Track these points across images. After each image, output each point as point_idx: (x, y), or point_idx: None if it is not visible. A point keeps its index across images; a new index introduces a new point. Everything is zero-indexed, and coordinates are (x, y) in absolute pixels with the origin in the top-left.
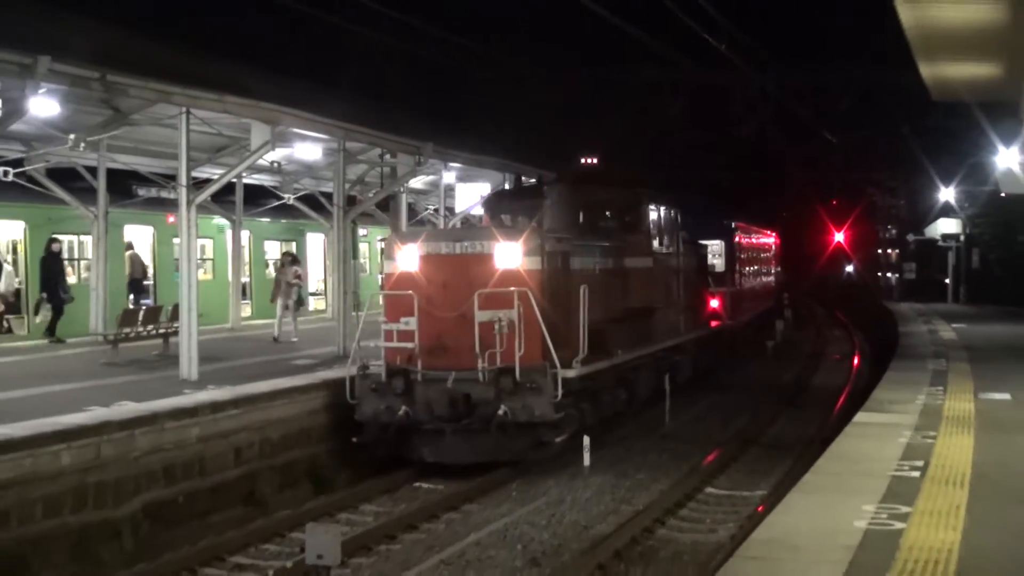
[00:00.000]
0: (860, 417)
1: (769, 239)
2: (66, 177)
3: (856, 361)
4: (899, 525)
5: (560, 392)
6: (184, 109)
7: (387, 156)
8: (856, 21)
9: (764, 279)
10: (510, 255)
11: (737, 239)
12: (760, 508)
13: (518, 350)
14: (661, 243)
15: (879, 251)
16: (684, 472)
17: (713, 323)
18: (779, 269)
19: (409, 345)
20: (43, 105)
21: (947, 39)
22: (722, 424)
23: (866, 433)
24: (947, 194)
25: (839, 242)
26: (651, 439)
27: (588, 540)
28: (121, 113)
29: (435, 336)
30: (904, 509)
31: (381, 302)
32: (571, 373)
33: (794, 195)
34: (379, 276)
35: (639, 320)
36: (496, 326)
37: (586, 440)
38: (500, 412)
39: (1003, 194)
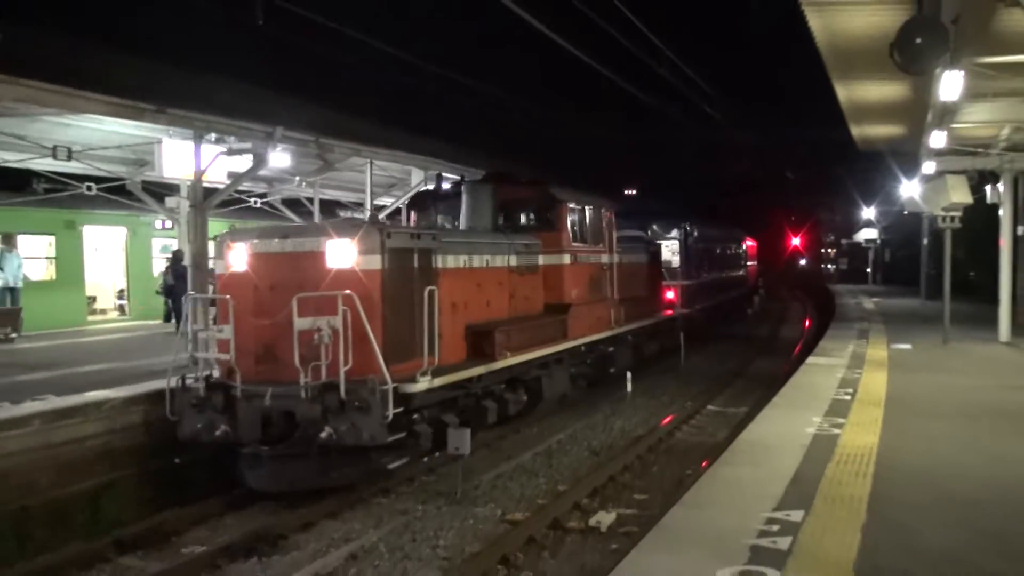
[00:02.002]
0: (810, 360)
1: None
2: (293, 205)
3: (807, 323)
4: (836, 431)
5: (391, 411)
6: (369, 160)
7: None
8: (809, 96)
9: (735, 272)
10: (343, 253)
11: (694, 238)
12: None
13: (343, 363)
14: (584, 241)
15: (822, 250)
16: (693, 396)
17: (667, 311)
18: (755, 263)
19: (224, 356)
20: (279, 158)
21: (869, 109)
22: (719, 364)
23: (814, 370)
24: (868, 212)
25: (796, 245)
26: (671, 374)
27: (629, 440)
28: (328, 163)
29: (262, 345)
30: (840, 420)
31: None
32: (416, 387)
33: (767, 213)
34: None
35: (550, 317)
36: (315, 335)
37: (628, 375)
38: (324, 434)
39: (905, 212)
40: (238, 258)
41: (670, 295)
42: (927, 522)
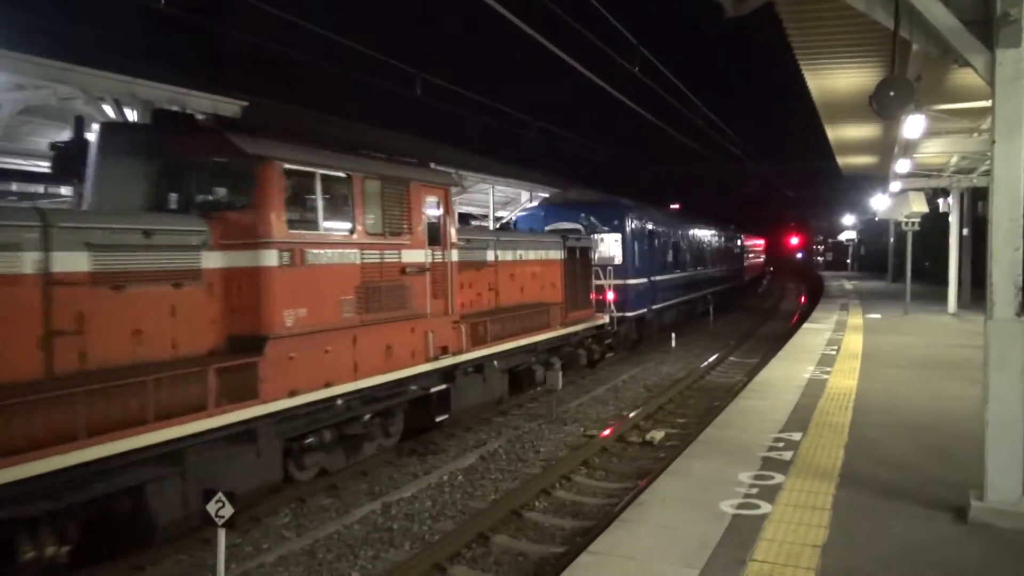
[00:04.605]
0: (805, 326)
1: (756, 239)
2: None
3: (802, 299)
4: (825, 376)
5: None
6: (492, 185)
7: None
8: (806, 135)
9: (720, 266)
10: None
11: (647, 231)
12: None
13: None
14: (350, 229)
15: (814, 247)
16: (719, 349)
17: (598, 317)
18: (764, 257)
19: None
20: None
21: (851, 145)
22: (737, 326)
23: (808, 333)
24: (848, 219)
25: (795, 243)
26: (703, 333)
27: (673, 380)
28: (463, 187)
29: None
30: (828, 369)
31: None
32: None
33: (774, 220)
34: None
35: (208, 366)
36: None
37: (672, 334)
38: None
39: (876, 219)
40: None
41: (610, 296)
42: (890, 440)
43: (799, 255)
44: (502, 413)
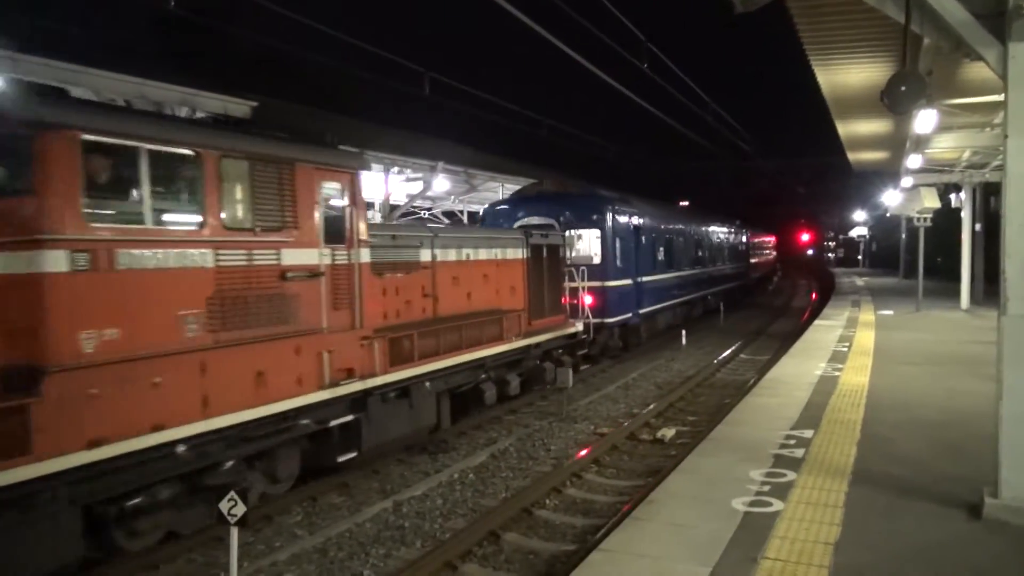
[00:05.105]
0: (816, 322)
1: (767, 237)
2: (449, 215)
3: (813, 295)
4: (837, 373)
5: None
6: (502, 184)
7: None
8: (816, 129)
9: (724, 264)
10: None
11: (633, 227)
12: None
13: None
14: (203, 223)
15: (825, 243)
16: (729, 347)
17: (571, 324)
18: (775, 253)
19: None
20: (440, 183)
21: (862, 140)
22: (748, 323)
23: (819, 330)
24: (859, 215)
25: (805, 240)
26: (713, 330)
27: (683, 378)
28: (473, 186)
29: None
30: (839, 366)
31: None
32: None
33: (784, 217)
34: None
35: None
36: None
37: (683, 331)
38: None
39: (888, 215)
40: None
41: (587, 300)
42: (903, 438)
43: (810, 252)
44: (512, 412)
